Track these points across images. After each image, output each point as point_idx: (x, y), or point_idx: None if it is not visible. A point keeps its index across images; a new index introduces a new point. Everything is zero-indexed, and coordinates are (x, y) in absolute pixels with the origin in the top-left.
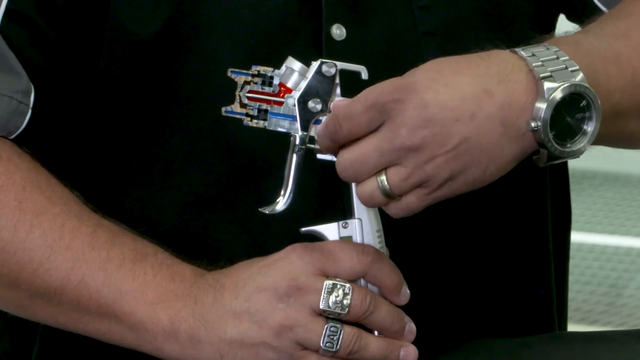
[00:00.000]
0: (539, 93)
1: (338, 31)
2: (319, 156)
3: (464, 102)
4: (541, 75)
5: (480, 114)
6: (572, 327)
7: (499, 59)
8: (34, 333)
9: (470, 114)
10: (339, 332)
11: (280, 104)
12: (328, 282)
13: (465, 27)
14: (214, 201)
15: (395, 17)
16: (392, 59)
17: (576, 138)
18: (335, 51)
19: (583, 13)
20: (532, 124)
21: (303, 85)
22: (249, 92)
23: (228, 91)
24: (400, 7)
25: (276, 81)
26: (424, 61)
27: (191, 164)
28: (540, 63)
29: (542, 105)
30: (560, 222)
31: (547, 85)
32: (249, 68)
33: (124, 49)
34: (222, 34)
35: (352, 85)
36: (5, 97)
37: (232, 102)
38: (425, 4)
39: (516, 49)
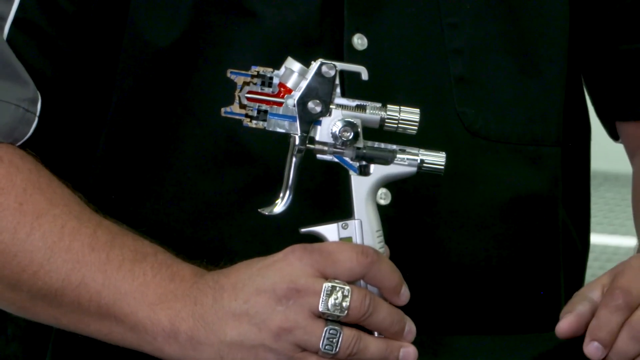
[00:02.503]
0: None
1: (360, 41)
2: (319, 156)
3: None
4: None
5: None
6: None
7: None
8: (47, 339)
9: None
10: (338, 334)
11: (280, 104)
12: (327, 285)
13: (491, 48)
14: (227, 211)
15: (423, 32)
16: (417, 73)
17: None
18: (356, 61)
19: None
20: None
21: (303, 85)
22: (249, 92)
23: None
24: (428, 22)
25: (276, 82)
26: (450, 78)
27: (205, 173)
28: None
29: None
30: (580, 225)
31: None
32: None
33: (141, 59)
34: (242, 44)
35: (352, 85)
36: (12, 105)
37: (232, 103)
38: (455, 21)
39: None
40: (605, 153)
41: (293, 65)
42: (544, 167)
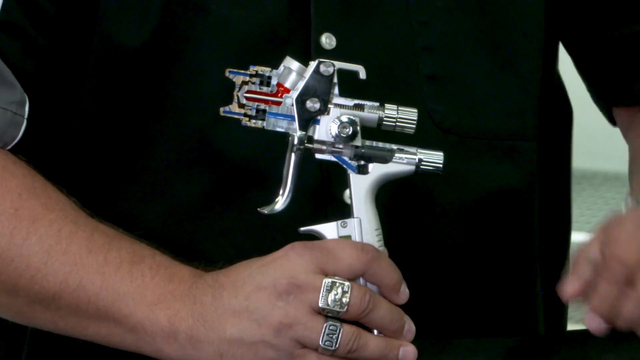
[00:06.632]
0: None
1: (327, 40)
2: (318, 156)
3: None
4: None
5: None
6: (572, 327)
7: None
8: (23, 337)
9: None
10: (338, 331)
11: (279, 103)
12: (327, 280)
13: (462, 44)
14: (199, 212)
15: (392, 30)
16: (387, 71)
17: None
18: None
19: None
20: None
21: (301, 85)
22: (247, 92)
23: (215, 102)
24: (397, 20)
25: (274, 81)
26: (421, 76)
27: (176, 174)
28: None
29: None
30: (561, 222)
31: None
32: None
33: (112, 59)
34: (211, 45)
35: (350, 84)
36: (0, 108)
37: (227, 105)
38: (425, 18)
39: None
40: (606, 153)
41: (291, 64)
42: (521, 162)
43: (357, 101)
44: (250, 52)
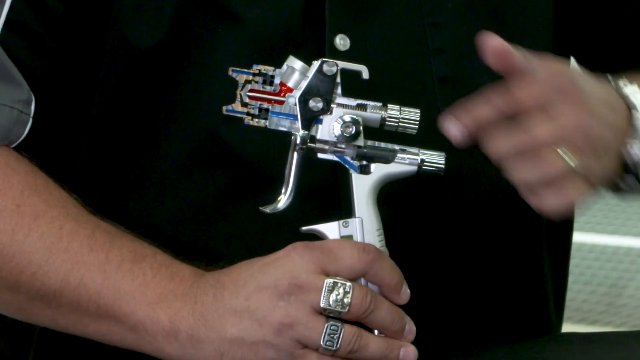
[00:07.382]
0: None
1: (342, 41)
2: (320, 155)
3: (605, 106)
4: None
5: (611, 120)
6: (572, 327)
7: (608, 87)
8: (31, 334)
9: (607, 117)
10: (339, 331)
11: (282, 103)
12: (329, 281)
13: (474, 47)
14: (210, 213)
15: (405, 32)
16: (400, 73)
17: None
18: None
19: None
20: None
21: (304, 84)
22: (250, 91)
23: (227, 103)
24: (410, 22)
25: (277, 80)
26: (433, 78)
27: (188, 175)
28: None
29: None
30: (561, 222)
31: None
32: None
33: (124, 59)
34: (225, 45)
35: (362, 85)
36: (7, 107)
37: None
38: (437, 20)
39: (612, 81)
40: None
41: (295, 63)
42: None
43: (359, 101)
44: (264, 53)
